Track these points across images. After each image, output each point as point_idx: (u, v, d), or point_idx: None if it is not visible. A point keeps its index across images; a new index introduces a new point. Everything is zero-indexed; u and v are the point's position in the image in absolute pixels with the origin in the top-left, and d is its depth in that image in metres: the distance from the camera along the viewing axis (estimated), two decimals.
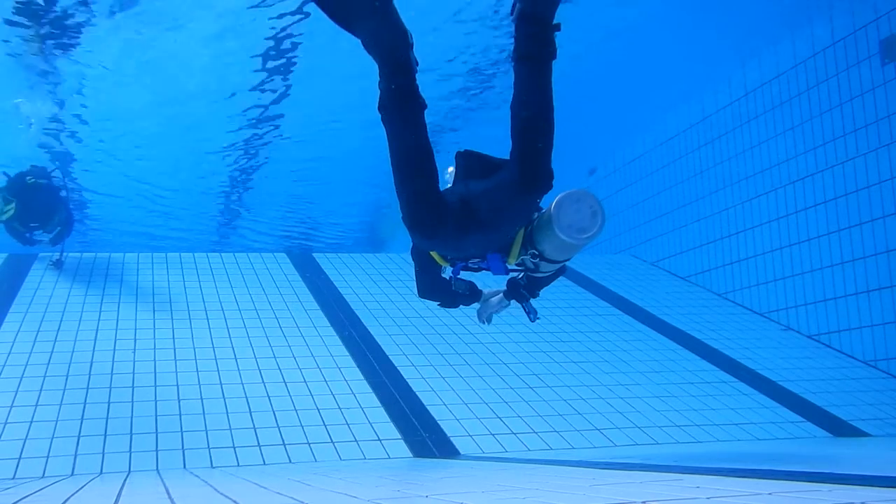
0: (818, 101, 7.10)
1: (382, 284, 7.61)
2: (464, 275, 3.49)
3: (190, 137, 10.74)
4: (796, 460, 3.42)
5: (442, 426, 4.73)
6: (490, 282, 3.92)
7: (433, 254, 3.21)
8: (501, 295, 3.68)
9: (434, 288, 3.50)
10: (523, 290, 3.55)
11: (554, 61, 2.77)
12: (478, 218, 2.85)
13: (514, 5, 2.79)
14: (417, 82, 2.78)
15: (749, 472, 2.58)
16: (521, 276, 3.52)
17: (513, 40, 2.84)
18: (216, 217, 14.18)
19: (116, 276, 7.40)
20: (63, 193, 8.05)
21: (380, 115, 2.81)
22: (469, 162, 3.06)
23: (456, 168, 3.11)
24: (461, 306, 3.76)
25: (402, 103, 2.76)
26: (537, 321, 3.75)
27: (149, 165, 11.62)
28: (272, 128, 10.58)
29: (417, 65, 2.81)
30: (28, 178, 7.59)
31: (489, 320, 3.85)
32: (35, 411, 4.57)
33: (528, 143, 2.81)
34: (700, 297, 8.06)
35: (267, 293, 7.15)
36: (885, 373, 6.21)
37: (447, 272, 3.45)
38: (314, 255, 8.66)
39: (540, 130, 2.79)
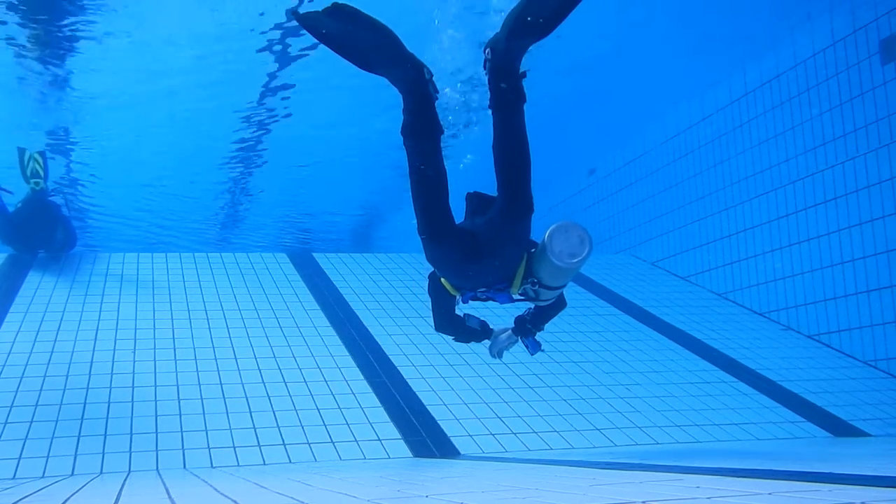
0: (818, 101, 7.10)
1: (382, 284, 7.62)
2: (475, 311, 3.87)
3: (189, 138, 10.74)
4: (796, 460, 3.42)
5: (442, 426, 4.73)
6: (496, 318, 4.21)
7: (444, 283, 3.51)
8: (510, 331, 4.00)
9: (450, 323, 3.82)
10: (529, 325, 3.89)
11: (525, 104, 3.19)
12: (481, 245, 3.20)
13: (485, 61, 3.20)
14: (437, 109, 3.18)
15: (749, 472, 2.58)
16: (526, 312, 3.88)
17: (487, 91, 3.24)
18: (216, 217, 14.18)
19: (116, 276, 7.40)
20: (64, 212, 8.07)
21: (402, 138, 3.20)
22: (473, 201, 3.45)
23: (466, 207, 3.48)
24: (472, 342, 4.08)
25: (422, 130, 3.17)
26: (540, 353, 4.07)
27: (149, 166, 11.62)
28: (272, 123, 10.58)
29: (437, 93, 3.21)
30: (18, 203, 7.72)
31: (500, 355, 4.14)
32: (35, 411, 4.57)
33: (509, 177, 3.22)
34: (700, 297, 8.06)
35: (267, 293, 7.15)
36: (885, 373, 6.21)
37: (460, 308, 3.78)
38: (314, 255, 8.66)
39: (518, 166, 3.20)
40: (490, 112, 3.26)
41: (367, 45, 3.13)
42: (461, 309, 3.82)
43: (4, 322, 6.03)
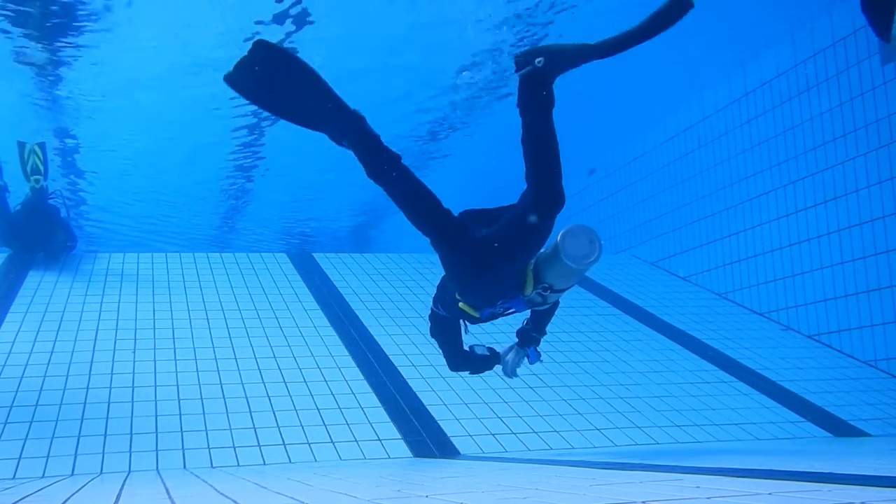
0: (818, 101, 7.09)
1: (382, 284, 7.61)
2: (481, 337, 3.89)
3: (189, 139, 10.73)
4: (796, 460, 3.42)
5: (442, 426, 4.73)
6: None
7: (463, 306, 3.51)
8: (516, 347, 4.05)
9: (463, 359, 3.96)
10: (533, 333, 3.94)
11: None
12: (497, 251, 3.22)
13: (522, 63, 3.17)
14: (384, 143, 3.22)
15: (749, 472, 2.58)
16: (525, 322, 3.94)
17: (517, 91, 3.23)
18: (216, 218, 14.18)
19: (116, 276, 7.40)
20: (63, 214, 8.05)
21: (372, 181, 3.26)
22: (472, 216, 3.46)
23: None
24: (486, 370, 4.18)
25: (380, 164, 3.22)
26: (539, 363, 4.10)
27: (149, 167, 11.62)
28: (270, 125, 10.58)
29: (377, 133, 3.23)
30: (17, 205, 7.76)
31: (514, 374, 4.17)
32: (35, 411, 4.56)
33: (544, 173, 3.23)
34: (700, 297, 8.06)
35: (267, 293, 7.15)
36: (885, 373, 6.21)
37: (466, 341, 3.88)
38: (314, 255, 8.66)
39: (551, 163, 3.23)
40: (519, 112, 3.25)
41: (304, 98, 3.15)
42: (467, 341, 3.93)
43: (4, 322, 6.03)
